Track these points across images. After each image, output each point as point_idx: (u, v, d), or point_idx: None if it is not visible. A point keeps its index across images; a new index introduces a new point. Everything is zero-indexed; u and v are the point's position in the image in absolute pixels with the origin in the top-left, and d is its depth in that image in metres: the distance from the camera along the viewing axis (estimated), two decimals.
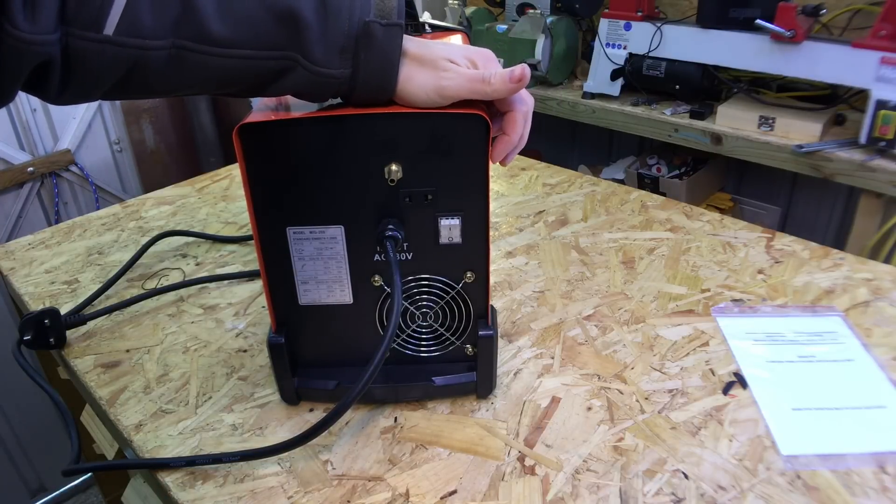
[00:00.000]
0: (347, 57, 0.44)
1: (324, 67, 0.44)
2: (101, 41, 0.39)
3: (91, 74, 0.40)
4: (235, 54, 0.42)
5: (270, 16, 0.42)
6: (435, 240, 0.52)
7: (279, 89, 0.45)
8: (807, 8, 1.23)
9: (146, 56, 0.41)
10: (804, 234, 0.85)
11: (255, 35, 0.43)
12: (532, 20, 1.60)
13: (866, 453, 0.52)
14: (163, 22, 0.40)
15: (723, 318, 0.69)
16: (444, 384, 0.57)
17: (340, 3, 0.44)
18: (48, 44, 0.38)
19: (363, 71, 0.44)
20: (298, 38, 0.43)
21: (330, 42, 0.44)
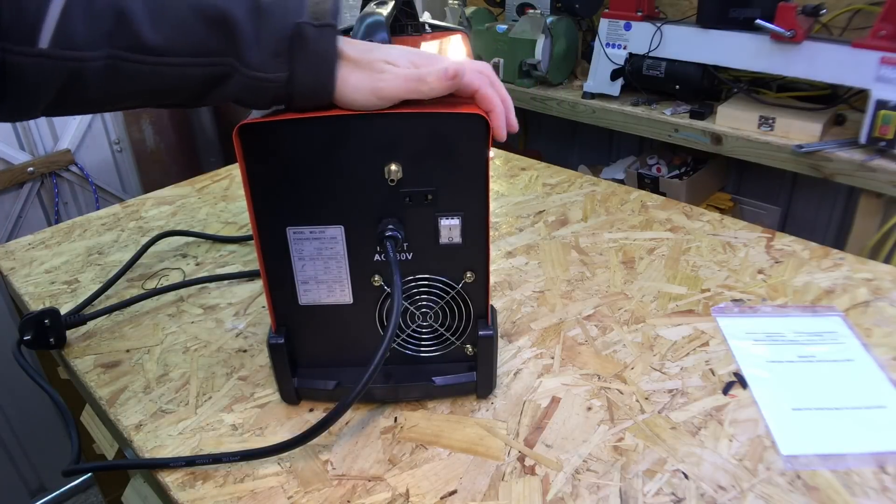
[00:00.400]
0: (282, 60, 0.44)
1: (260, 72, 0.44)
2: (36, 55, 0.38)
3: (28, 90, 0.40)
4: (171, 62, 0.42)
5: (204, 22, 0.42)
6: (435, 240, 0.52)
7: (219, 97, 0.45)
8: (807, 8, 1.23)
9: (83, 68, 0.40)
10: (804, 234, 0.85)
11: (190, 42, 0.42)
12: (532, 20, 1.60)
13: (866, 453, 0.52)
14: (97, 33, 0.40)
15: (723, 318, 0.69)
16: (444, 384, 0.57)
17: (274, 6, 0.44)
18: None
19: (299, 74, 0.44)
20: (233, 44, 0.43)
21: (264, 46, 0.44)
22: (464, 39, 0.71)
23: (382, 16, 0.51)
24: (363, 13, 0.51)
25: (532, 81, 1.70)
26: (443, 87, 0.46)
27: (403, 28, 0.73)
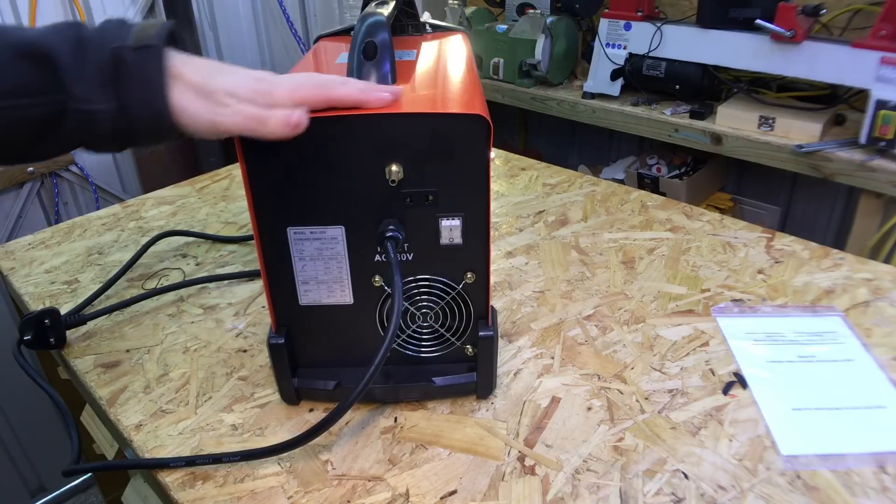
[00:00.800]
0: (109, 90, 0.42)
1: (88, 104, 0.41)
2: None
3: None
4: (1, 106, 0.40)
5: (23, 60, 0.40)
6: (435, 240, 0.52)
7: (58, 140, 0.43)
8: (807, 8, 1.23)
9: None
10: (804, 234, 0.85)
11: (11, 83, 0.40)
12: (532, 20, 1.60)
13: (866, 453, 0.52)
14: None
15: (723, 318, 0.69)
16: (444, 384, 0.57)
17: (96, 36, 0.42)
18: None
19: (128, 102, 0.42)
20: (58, 79, 0.41)
21: (88, 77, 0.41)
22: (464, 39, 0.71)
23: (383, 16, 0.51)
24: (363, 13, 0.51)
25: (532, 81, 1.70)
26: (283, 134, 0.44)
27: (404, 28, 0.73)
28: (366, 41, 0.50)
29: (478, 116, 0.47)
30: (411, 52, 0.63)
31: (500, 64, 1.71)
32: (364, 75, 0.51)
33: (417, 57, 0.62)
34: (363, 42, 0.50)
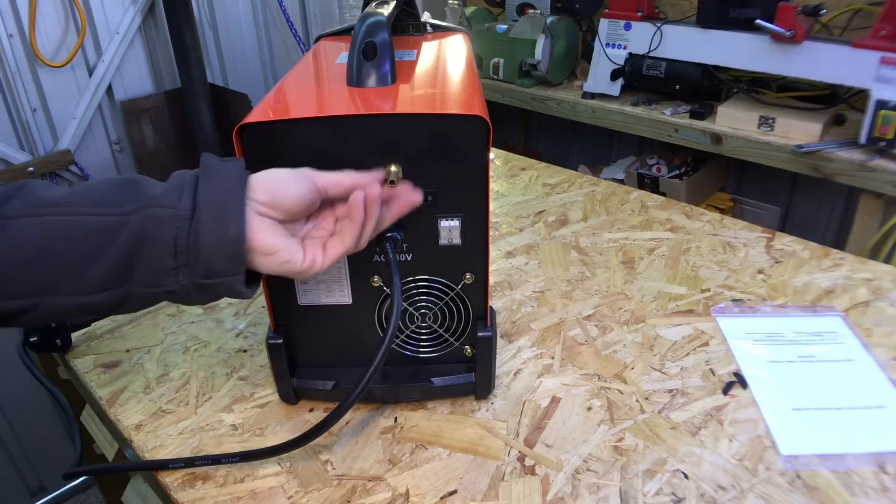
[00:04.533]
0: (188, 193, 0.42)
1: (162, 199, 0.41)
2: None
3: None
4: (67, 212, 0.40)
5: (108, 185, 0.42)
6: (434, 241, 0.52)
7: (116, 254, 0.40)
8: (807, 8, 1.23)
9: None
10: (804, 234, 0.85)
11: (90, 198, 0.41)
12: (532, 20, 1.60)
13: (866, 453, 0.52)
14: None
15: (723, 318, 0.69)
16: (443, 385, 0.57)
17: (181, 171, 0.44)
18: None
19: (205, 199, 0.41)
20: (136, 193, 0.41)
21: (170, 186, 0.42)
22: (464, 39, 0.71)
23: (384, 16, 0.51)
24: (364, 13, 0.51)
25: (532, 81, 1.70)
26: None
27: (404, 28, 0.73)
28: (366, 41, 0.50)
29: (477, 117, 0.47)
30: (411, 52, 0.63)
31: (500, 64, 1.71)
32: (364, 75, 0.51)
33: (417, 57, 0.62)
34: (363, 42, 0.50)
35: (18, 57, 1.43)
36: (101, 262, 0.40)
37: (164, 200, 0.41)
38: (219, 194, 0.41)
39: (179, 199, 0.41)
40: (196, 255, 0.41)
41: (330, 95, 0.52)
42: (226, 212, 0.41)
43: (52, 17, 1.46)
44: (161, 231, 0.40)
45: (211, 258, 0.41)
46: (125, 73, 1.62)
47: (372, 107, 0.48)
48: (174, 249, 0.41)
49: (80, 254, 0.40)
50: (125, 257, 0.40)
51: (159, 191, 0.42)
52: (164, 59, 1.69)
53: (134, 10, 1.59)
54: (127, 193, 0.41)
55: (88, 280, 0.40)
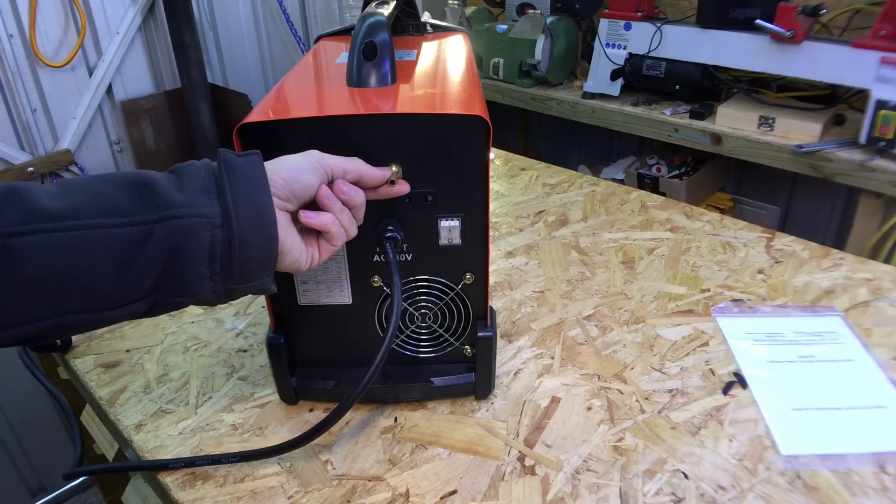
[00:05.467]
0: (213, 196, 0.39)
1: (189, 208, 0.38)
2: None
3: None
4: (79, 225, 0.35)
5: (113, 187, 0.37)
6: (434, 241, 0.52)
7: (144, 268, 0.37)
8: (807, 8, 1.23)
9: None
10: (804, 234, 0.85)
11: (97, 205, 0.36)
12: (532, 20, 1.60)
13: (866, 453, 0.52)
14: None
15: (723, 318, 0.69)
16: (443, 385, 0.57)
17: (188, 164, 0.41)
18: None
19: (235, 204, 0.39)
20: (151, 198, 0.37)
21: (189, 188, 0.39)
22: (464, 39, 0.71)
23: (383, 16, 0.51)
24: (364, 13, 0.51)
25: (532, 81, 1.70)
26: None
27: (404, 28, 0.73)
28: (366, 41, 0.50)
29: (477, 117, 0.47)
30: (411, 52, 0.63)
31: (500, 64, 1.71)
32: (364, 75, 0.51)
33: (417, 57, 0.62)
34: (363, 42, 0.50)
35: (18, 57, 1.43)
36: (126, 278, 0.37)
37: (191, 207, 0.38)
38: (249, 196, 0.39)
39: (206, 203, 0.38)
40: (231, 261, 0.39)
41: (330, 95, 0.52)
42: (260, 215, 0.40)
43: (52, 17, 1.46)
44: (193, 241, 0.38)
45: (247, 263, 0.40)
46: (125, 73, 1.62)
47: (372, 107, 0.48)
48: (209, 258, 0.38)
49: (102, 272, 0.36)
50: (155, 271, 0.37)
51: (181, 195, 0.38)
52: (164, 59, 1.69)
53: (134, 10, 1.59)
54: (142, 197, 0.37)
55: (111, 297, 0.37)
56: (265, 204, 0.40)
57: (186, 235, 0.38)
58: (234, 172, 0.40)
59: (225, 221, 0.38)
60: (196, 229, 0.38)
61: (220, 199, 0.39)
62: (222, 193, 0.39)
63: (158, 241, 0.37)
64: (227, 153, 0.41)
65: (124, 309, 0.38)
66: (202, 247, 0.38)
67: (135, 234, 0.36)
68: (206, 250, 0.38)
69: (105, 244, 0.36)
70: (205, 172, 0.40)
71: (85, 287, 0.36)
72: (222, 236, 0.39)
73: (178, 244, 0.37)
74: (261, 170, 0.41)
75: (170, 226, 0.37)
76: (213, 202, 0.39)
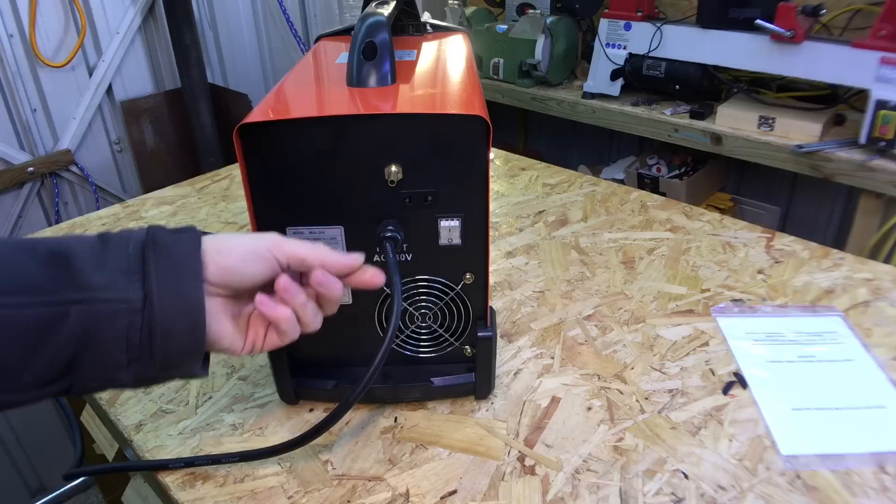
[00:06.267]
0: (135, 278, 0.36)
1: (107, 291, 0.35)
2: None
3: None
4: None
5: (30, 259, 0.35)
6: (434, 241, 0.52)
7: (55, 352, 0.35)
8: (807, 8, 1.23)
9: None
10: (804, 234, 0.85)
11: (10, 280, 0.34)
12: (532, 20, 1.60)
13: (866, 453, 0.52)
14: None
15: (723, 318, 0.69)
16: (443, 385, 0.57)
17: (125, 232, 0.38)
18: None
19: (158, 288, 0.36)
20: (68, 276, 0.35)
21: (111, 266, 0.36)
22: (464, 39, 0.71)
23: (383, 16, 0.51)
24: (364, 13, 0.51)
25: (532, 81, 1.70)
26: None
27: (404, 28, 0.73)
28: (366, 41, 0.50)
29: (477, 117, 0.47)
30: (411, 52, 0.63)
31: (500, 64, 1.71)
32: (364, 75, 0.51)
33: (417, 57, 0.62)
34: (363, 42, 0.50)
35: (18, 57, 1.43)
36: (37, 362, 0.34)
37: (110, 290, 0.35)
38: (176, 281, 0.37)
39: (127, 286, 0.36)
40: (151, 349, 0.37)
41: (330, 95, 0.52)
42: (186, 302, 0.37)
43: (52, 17, 1.46)
44: (109, 327, 0.35)
45: (168, 350, 0.37)
46: (125, 73, 1.62)
47: (372, 107, 0.48)
48: (125, 345, 0.36)
49: (11, 354, 0.34)
50: (67, 356, 0.35)
51: (101, 275, 0.36)
52: (164, 59, 1.69)
53: (134, 10, 1.59)
54: (59, 274, 0.35)
55: (21, 380, 0.35)
56: (193, 290, 0.37)
57: (103, 320, 0.35)
58: (161, 253, 0.37)
59: (146, 306, 0.36)
60: (113, 315, 0.36)
61: (143, 282, 0.36)
62: (147, 275, 0.36)
63: (72, 324, 0.35)
64: (158, 231, 0.39)
65: (39, 391, 0.36)
66: (119, 333, 0.36)
67: (47, 315, 0.34)
68: (124, 337, 0.36)
69: (15, 325, 0.34)
70: (133, 248, 0.37)
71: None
72: (142, 323, 0.36)
73: (93, 329, 0.35)
74: (193, 251, 0.38)
75: (84, 311, 0.35)
76: (136, 285, 0.36)
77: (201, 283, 0.38)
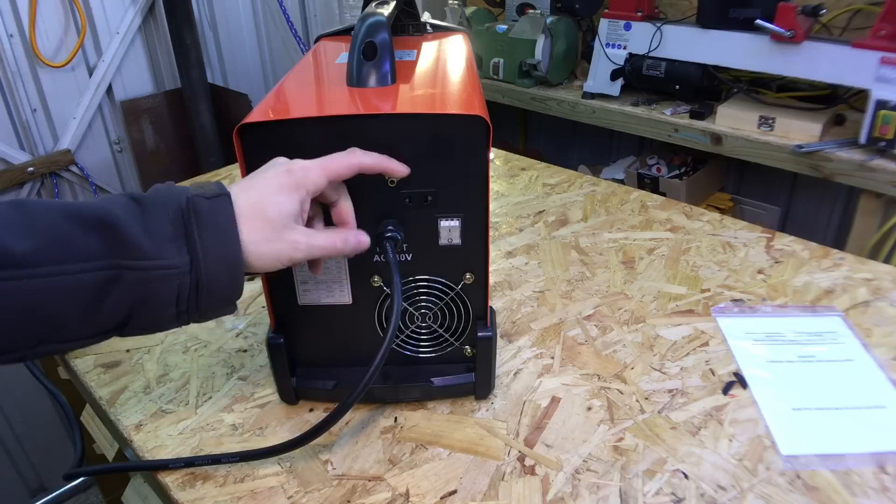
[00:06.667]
0: (181, 243, 0.39)
1: (156, 259, 0.38)
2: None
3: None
4: (43, 273, 0.36)
5: (78, 227, 0.37)
6: (434, 241, 0.52)
7: (112, 309, 0.38)
8: (807, 8, 1.23)
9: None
10: (804, 234, 0.85)
11: (64, 248, 0.36)
12: (532, 20, 1.60)
13: (866, 453, 0.52)
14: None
15: (723, 318, 0.69)
16: (443, 385, 0.57)
17: (154, 195, 0.41)
18: None
19: (203, 253, 0.40)
20: (117, 241, 0.38)
21: (156, 233, 0.39)
22: (464, 39, 0.71)
23: (383, 16, 0.51)
24: (364, 13, 0.51)
25: (532, 81, 1.70)
26: (355, 252, 0.48)
27: (404, 28, 0.73)
28: (366, 41, 0.50)
29: (477, 117, 0.47)
30: (411, 52, 0.63)
31: (500, 64, 1.71)
32: (364, 75, 0.51)
33: (417, 57, 0.62)
34: (363, 42, 0.50)
35: (18, 57, 1.43)
36: (95, 317, 0.38)
37: (159, 257, 0.39)
38: (216, 246, 0.40)
39: (176, 252, 0.39)
40: (197, 303, 0.41)
41: (330, 95, 0.52)
42: (226, 263, 0.41)
43: (52, 17, 1.46)
44: (161, 289, 0.39)
45: (211, 302, 0.42)
46: (125, 73, 1.62)
47: (372, 107, 0.48)
48: (175, 302, 0.40)
49: (71, 314, 0.37)
50: (124, 312, 0.39)
51: (148, 241, 0.39)
52: (164, 59, 1.69)
53: (134, 10, 1.59)
54: (105, 237, 0.38)
55: (81, 331, 0.39)
56: (232, 251, 0.41)
57: (155, 285, 0.39)
58: (202, 220, 0.40)
59: (193, 269, 0.40)
60: (165, 280, 0.39)
61: (188, 247, 0.40)
62: (191, 241, 0.40)
63: (124, 288, 0.38)
64: (196, 199, 0.41)
65: (95, 338, 0.40)
66: (170, 295, 0.40)
67: (100, 278, 0.37)
68: (174, 296, 0.40)
69: (73, 288, 0.37)
70: (173, 214, 0.40)
71: (55, 324, 0.37)
72: (190, 283, 0.40)
73: (144, 292, 0.39)
74: (230, 215, 0.41)
75: (138, 275, 0.38)
76: (182, 250, 0.40)
77: (239, 244, 0.41)
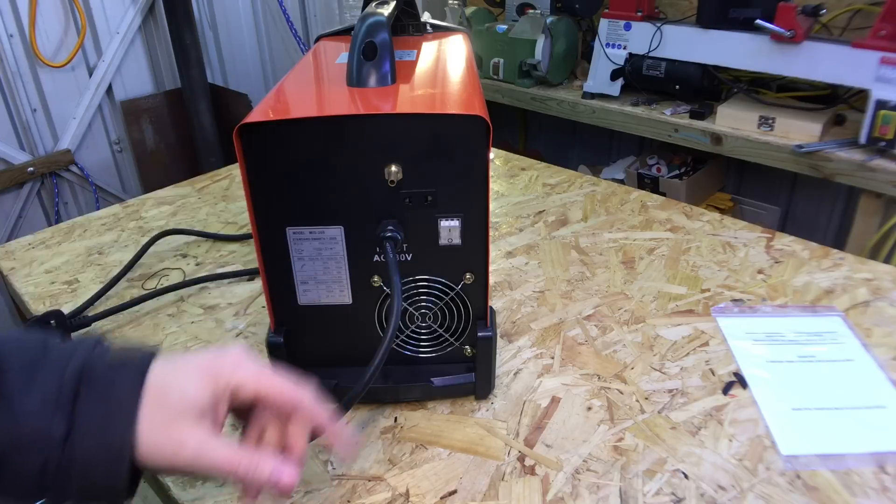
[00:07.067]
0: (66, 411, 0.33)
1: (28, 422, 0.33)
2: None
3: None
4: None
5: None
6: (434, 241, 0.52)
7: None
8: (807, 8, 1.23)
9: None
10: (804, 234, 0.85)
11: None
12: (532, 20, 1.60)
13: (866, 453, 0.52)
14: None
15: (723, 318, 0.69)
16: (443, 385, 0.57)
17: (68, 344, 0.35)
18: None
19: (80, 429, 0.33)
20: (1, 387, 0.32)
21: (41, 387, 0.33)
22: (464, 39, 0.71)
23: (383, 16, 0.51)
24: (364, 13, 0.51)
25: (532, 81, 1.70)
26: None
27: (404, 28, 0.73)
28: (366, 41, 0.50)
29: (477, 117, 0.47)
30: (411, 52, 0.63)
31: (500, 64, 1.71)
32: (364, 75, 0.51)
33: (417, 57, 0.62)
34: (363, 42, 0.50)
35: (18, 57, 1.43)
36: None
37: (31, 421, 0.33)
38: (101, 424, 0.34)
39: (52, 418, 0.33)
40: (67, 485, 0.34)
41: (330, 95, 0.52)
42: (108, 449, 0.34)
43: (52, 17, 1.46)
44: (24, 457, 0.33)
45: (91, 491, 0.34)
46: (125, 73, 1.62)
47: (372, 107, 0.48)
48: (39, 474, 0.33)
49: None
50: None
51: (27, 398, 0.33)
52: (164, 59, 1.69)
53: (134, 10, 1.59)
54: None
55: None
56: (118, 433, 0.34)
57: (17, 449, 0.33)
58: (93, 386, 0.34)
59: (67, 445, 0.33)
60: (31, 447, 0.33)
61: (69, 417, 0.33)
62: (74, 411, 0.33)
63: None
64: (98, 361, 0.35)
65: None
66: (33, 466, 0.33)
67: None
68: (37, 470, 0.33)
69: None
70: (68, 375, 0.34)
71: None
72: (60, 460, 0.33)
73: (8, 453, 0.33)
74: (131, 390, 0.35)
75: (5, 431, 0.33)
76: (60, 418, 0.33)
77: (132, 428, 0.34)
